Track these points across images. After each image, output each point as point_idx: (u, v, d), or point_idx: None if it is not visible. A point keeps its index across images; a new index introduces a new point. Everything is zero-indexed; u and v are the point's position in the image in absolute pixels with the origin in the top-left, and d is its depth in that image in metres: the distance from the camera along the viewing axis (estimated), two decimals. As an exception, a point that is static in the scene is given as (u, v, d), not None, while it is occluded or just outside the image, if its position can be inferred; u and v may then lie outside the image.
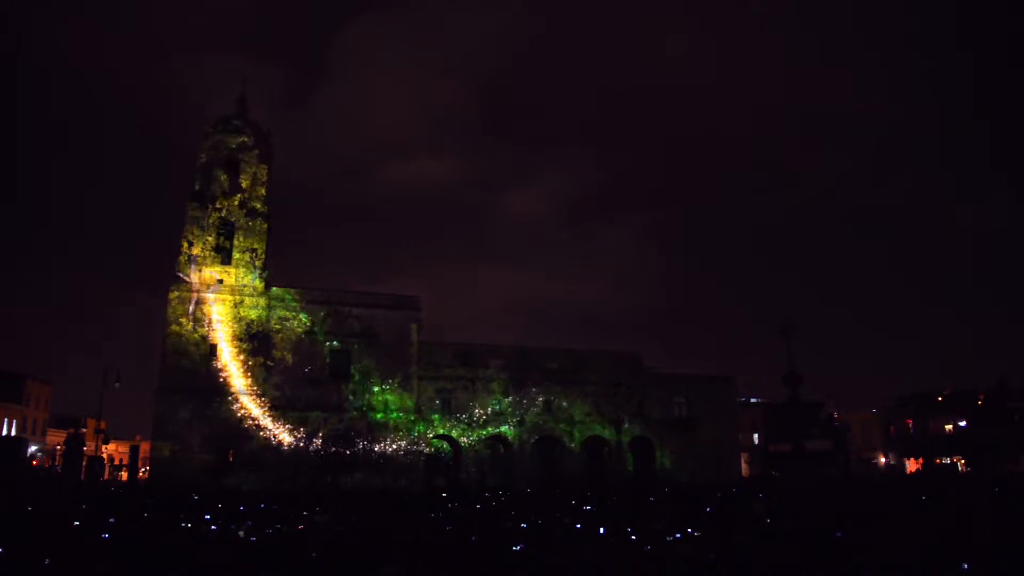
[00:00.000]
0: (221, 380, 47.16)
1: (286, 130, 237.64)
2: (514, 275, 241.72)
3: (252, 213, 51.02)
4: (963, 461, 67.04)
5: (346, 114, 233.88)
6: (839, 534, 12.42)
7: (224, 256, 49.72)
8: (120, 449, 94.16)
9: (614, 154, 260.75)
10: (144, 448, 72.96)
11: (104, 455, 68.75)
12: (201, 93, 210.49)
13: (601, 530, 13.84)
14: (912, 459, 73.24)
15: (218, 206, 50.25)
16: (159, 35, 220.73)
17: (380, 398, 51.27)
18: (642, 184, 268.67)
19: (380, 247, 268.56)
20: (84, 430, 72.70)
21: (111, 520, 14.96)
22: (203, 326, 47.54)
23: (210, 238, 49.54)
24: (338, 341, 51.11)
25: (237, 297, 48.87)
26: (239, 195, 51.20)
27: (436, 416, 53.48)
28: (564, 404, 56.97)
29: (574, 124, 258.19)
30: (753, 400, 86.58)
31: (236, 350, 47.92)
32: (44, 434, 79.96)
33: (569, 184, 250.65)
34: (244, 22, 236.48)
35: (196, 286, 48.06)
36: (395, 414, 51.33)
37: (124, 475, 72.67)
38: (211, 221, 49.80)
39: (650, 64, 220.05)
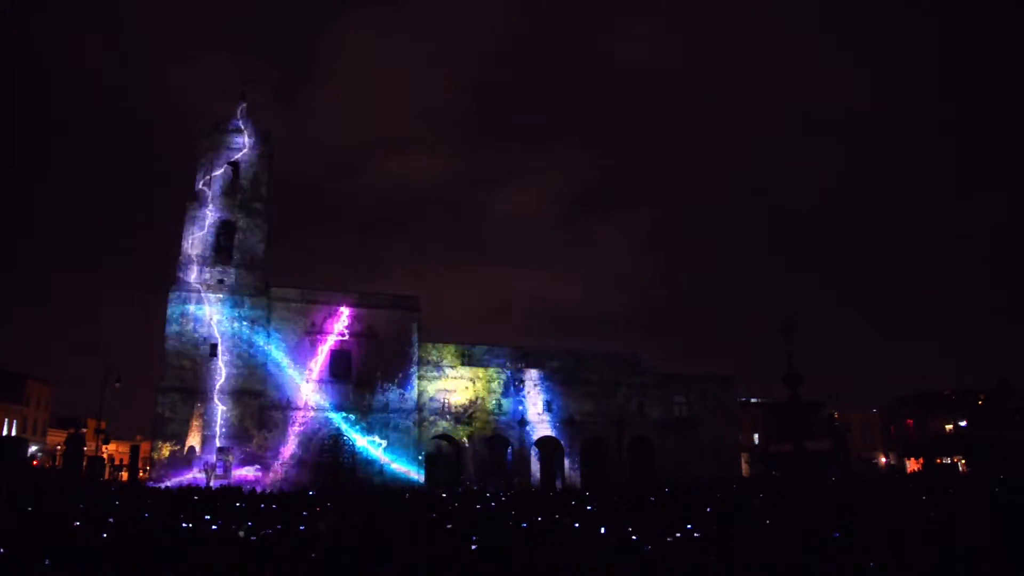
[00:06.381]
0: (221, 380, 47.15)
1: (283, 128, 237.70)
2: (513, 274, 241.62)
3: (252, 213, 51.02)
4: (963, 461, 66.94)
5: (341, 111, 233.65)
6: (838, 534, 12.44)
7: (224, 256, 49.74)
8: (120, 449, 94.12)
9: (613, 152, 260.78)
10: (144, 448, 72.91)
11: (104, 455, 68.76)
12: (199, 92, 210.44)
13: (601, 530, 13.87)
14: (912, 459, 73.16)
15: (218, 206, 50.27)
16: (157, 33, 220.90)
17: (380, 398, 51.27)
18: (641, 183, 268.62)
19: (379, 246, 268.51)
20: (84, 430, 72.62)
21: (111, 520, 14.97)
22: (203, 326, 47.56)
23: (210, 238, 49.57)
24: (338, 341, 51.12)
25: (237, 297, 48.87)
26: (239, 195, 51.21)
27: (436, 416, 53.53)
28: (564, 404, 57.00)
29: (572, 122, 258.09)
30: (753, 400, 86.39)
31: (236, 350, 47.91)
32: (44, 434, 79.86)
33: (567, 182, 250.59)
34: (240, 20, 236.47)
35: (196, 286, 48.07)
36: (395, 414, 51.31)
37: (124, 475, 72.68)
38: (211, 221, 49.83)
39: (649, 62, 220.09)
